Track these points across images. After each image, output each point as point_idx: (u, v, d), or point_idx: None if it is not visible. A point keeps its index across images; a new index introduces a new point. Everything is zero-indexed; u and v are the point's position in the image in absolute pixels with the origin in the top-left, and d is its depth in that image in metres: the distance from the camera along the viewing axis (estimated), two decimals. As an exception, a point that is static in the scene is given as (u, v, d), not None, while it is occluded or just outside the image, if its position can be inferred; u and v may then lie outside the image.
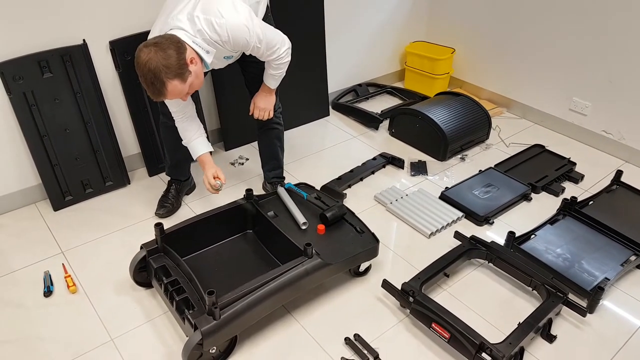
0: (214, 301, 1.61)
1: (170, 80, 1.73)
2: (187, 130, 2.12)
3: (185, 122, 2.10)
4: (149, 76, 1.71)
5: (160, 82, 1.72)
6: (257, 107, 2.26)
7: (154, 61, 1.70)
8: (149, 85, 1.74)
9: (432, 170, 2.83)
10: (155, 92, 1.76)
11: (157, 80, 1.72)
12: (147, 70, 1.71)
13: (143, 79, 1.74)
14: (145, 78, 1.72)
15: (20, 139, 2.32)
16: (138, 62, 1.72)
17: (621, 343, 1.87)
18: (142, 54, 1.71)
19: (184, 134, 2.13)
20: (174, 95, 1.80)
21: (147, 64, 1.70)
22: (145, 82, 1.74)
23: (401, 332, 1.89)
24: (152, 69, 1.70)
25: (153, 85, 1.73)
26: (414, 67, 3.62)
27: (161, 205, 2.43)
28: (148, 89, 1.76)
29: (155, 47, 1.71)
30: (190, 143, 2.14)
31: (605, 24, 2.78)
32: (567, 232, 2.31)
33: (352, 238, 2.05)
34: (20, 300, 1.99)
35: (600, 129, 3.00)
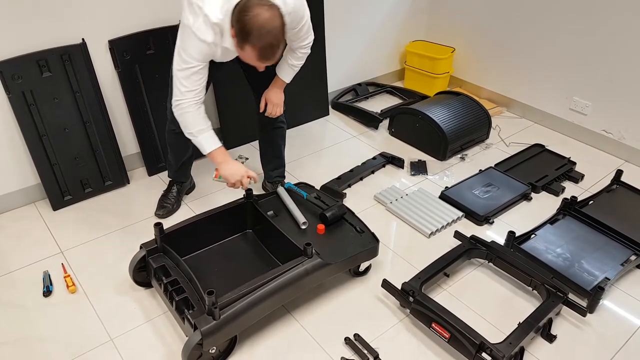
0: (213, 301, 1.60)
1: (284, 42, 1.71)
2: (203, 116, 1.95)
3: (199, 106, 1.92)
4: (270, 37, 1.66)
5: (278, 43, 1.69)
6: (271, 102, 2.21)
7: (276, 20, 1.66)
8: (269, 47, 1.68)
9: (432, 170, 2.83)
10: (269, 54, 1.71)
11: (276, 42, 1.68)
12: (271, 29, 1.65)
13: (263, 40, 1.66)
14: (267, 38, 1.66)
15: (20, 138, 2.31)
16: (259, 22, 1.64)
17: (621, 343, 1.87)
18: (263, 12, 1.64)
19: (199, 120, 1.94)
20: (276, 60, 1.78)
21: (271, 22, 1.65)
22: (265, 43, 1.67)
23: (401, 332, 1.88)
24: (275, 28, 1.66)
25: (272, 47, 1.69)
26: (414, 67, 3.61)
27: (161, 206, 2.41)
28: (264, 51, 1.70)
29: (271, 6, 1.66)
30: (207, 132, 1.96)
31: (606, 23, 2.78)
32: (567, 232, 2.31)
33: (352, 238, 2.04)
34: (19, 300, 1.98)
35: (601, 129, 3.00)
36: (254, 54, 1.71)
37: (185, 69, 1.84)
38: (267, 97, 2.22)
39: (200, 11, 1.74)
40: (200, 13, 1.74)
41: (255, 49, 1.69)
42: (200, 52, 1.80)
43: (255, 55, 1.72)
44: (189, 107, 1.90)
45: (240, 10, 1.66)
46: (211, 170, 2.77)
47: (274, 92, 2.21)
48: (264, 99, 2.23)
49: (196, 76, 1.85)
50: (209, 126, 1.97)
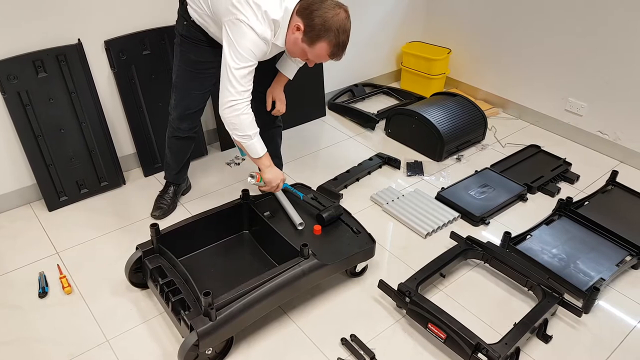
0: (210, 302, 1.60)
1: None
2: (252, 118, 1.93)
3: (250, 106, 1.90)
4: (346, 35, 1.78)
5: (346, 45, 1.81)
6: (280, 100, 2.23)
7: (350, 24, 1.79)
8: (343, 45, 1.80)
9: (428, 171, 2.83)
10: (342, 52, 1.82)
11: (348, 41, 1.80)
12: (348, 29, 1.78)
13: (341, 37, 1.77)
14: (343, 36, 1.78)
15: (15, 139, 2.30)
16: (339, 21, 1.74)
17: (616, 343, 1.88)
18: (342, 12, 1.76)
19: (253, 123, 1.93)
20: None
21: (348, 23, 1.77)
22: (340, 41, 1.78)
23: (397, 333, 1.89)
24: (349, 29, 1.79)
25: (344, 46, 1.80)
26: (410, 68, 3.62)
27: (157, 207, 2.40)
28: (338, 47, 1.79)
29: (348, 12, 1.79)
30: (257, 137, 1.96)
31: (601, 25, 2.79)
32: (562, 233, 2.32)
33: (349, 238, 2.05)
34: (15, 301, 1.97)
35: (596, 130, 3.01)
36: (327, 50, 1.79)
37: (243, 68, 1.80)
38: (274, 95, 2.23)
39: (258, 8, 1.74)
40: (259, 10, 1.74)
41: (330, 46, 1.78)
42: (259, 49, 1.80)
43: (327, 52, 1.80)
44: (246, 109, 1.87)
45: (316, 8, 1.73)
46: (209, 171, 2.77)
47: (280, 90, 2.23)
48: (270, 97, 2.23)
49: (251, 75, 1.84)
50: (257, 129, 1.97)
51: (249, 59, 1.79)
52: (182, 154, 2.35)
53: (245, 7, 1.74)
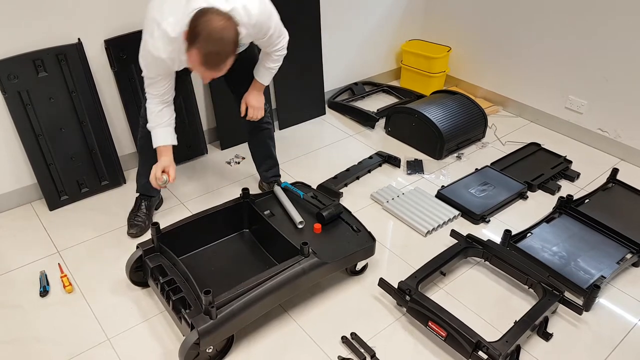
0: (210, 300, 1.60)
1: (232, 56, 1.68)
2: (162, 114, 1.96)
3: (162, 105, 1.95)
4: (219, 44, 1.63)
5: (226, 54, 1.66)
6: (251, 106, 2.19)
7: (229, 31, 1.64)
8: (215, 54, 1.65)
9: (428, 169, 2.83)
10: (214, 63, 1.68)
11: (224, 52, 1.65)
12: (220, 38, 1.62)
13: (210, 45, 1.62)
14: (214, 45, 1.63)
15: (15, 138, 2.31)
16: (209, 28, 1.61)
17: (617, 341, 1.88)
18: (216, 19, 1.62)
19: (155, 117, 1.95)
20: (221, 73, 1.75)
21: (222, 32, 1.62)
22: (210, 50, 1.64)
23: (398, 331, 1.89)
24: (225, 38, 1.63)
25: (218, 56, 1.65)
26: (410, 66, 3.62)
27: (133, 224, 2.29)
28: (209, 58, 1.66)
29: (229, 19, 1.64)
30: (158, 128, 1.97)
31: (601, 22, 2.79)
32: (563, 231, 2.32)
33: (349, 237, 2.05)
34: (16, 300, 1.98)
35: (596, 127, 3.01)
36: (198, 58, 1.67)
37: (148, 80, 1.89)
38: (246, 101, 2.20)
39: (158, 27, 1.74)
40: (158, 29, 1.74)
41: (200, 53, 1.65)
42: (158, 68, 1.82)
43: (199, 60, 1.67)
44: (149, 105, 1.95)
45: (196, 15, 1.64)
46: (209, 170, 2.78)
47: (253, 95, 2.19)
48: (244, 103, 2.21)
49: (159, 84, 1.89)
50: (167, 123, 1.98)
51: (150, 75, 1.87)
52: (151, 155, 2.14)
53: (146, 26, 1.79)
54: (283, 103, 3.14)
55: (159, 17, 1.74)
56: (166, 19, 1.73)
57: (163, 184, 1.97)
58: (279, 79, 3.05)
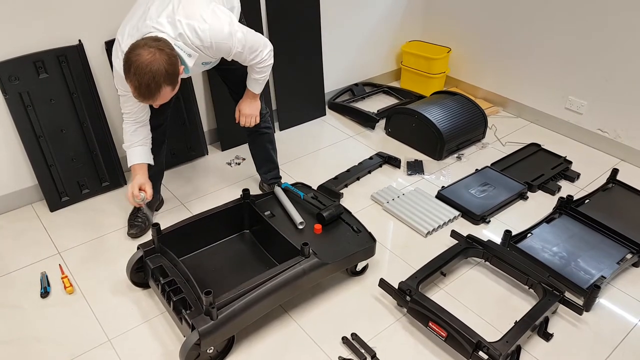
0: (211, 301, 1.61)
1: (165, 86, 1.69)
2: (136, 134, 2.01)
3: (136, 125, 2.00)
4: (146, 77, 1.64)
5: (157, 85, 1.67)
6: (243, 114, 2.20)
7: (157, 63, 1.64)
8: (144, 87, 1.66)
9: (428, 170, 2.83)
10: (146, 95, 1.69)
11: (154, 83, 1.66)
12: (148, 72, 1.64)
13: (137, 79, 1.65)
14: (142, 78, 1.65)
15: (16, 139, 2.31)
16: (138, 61, 1.63)
17: (617, 341, 1.88)
18: (145, 53, 1.63)
19: (130, 136, 2.01)
20: (160, 102, 1.77)
21: (149, 65, 1.63)
22: (140, 83, 1.66)
23: (398, 331, 1.89)
24: (154, 72, 1.64)
25: (148, 88, 1.67)
26: (410, 67, 3.62)
27: (132, 225, 2.30)
28: (139, 90, 1.68)
29: (158, 50, 1.65)
30: (133, 148, 2.02)
31: (601, 23, 2.79)
32: (563, 231, 2.32)
33: (349, 237, 2.05)
34: (17, 301, 1.98)
35: (596, 128, 3.01)
36: (132, 90, 1.71)
37: (120, 97, 1.95)
38: (239, 108, 2.21)
39: (119, 47, 1.80)
40: (120, 49, 1.79)
41: (132, 86, 1.69)
42: (124, 85, 1.82)
43: (133, 92, 1.71)
44: (124, 125, 2.01)
45: (129, 49, 1.67)
46: (210, 171, 2.78)
47: (245, 103, 2.19)
48: (237, 110, 2.22)
49: (129, 101, 1.93)
50: (136, 144, 2.02)
51: (120, 90, 1.92)
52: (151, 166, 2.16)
53: (115, 45, 1.85)
54: (283, 104, 3.14)
55: (120, 38, 1.82)
56: (125, 41, 1.78)
57: (141, 201, 1.99)
58: (279, 79, 3.06)
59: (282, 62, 3.01)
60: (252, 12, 2.77)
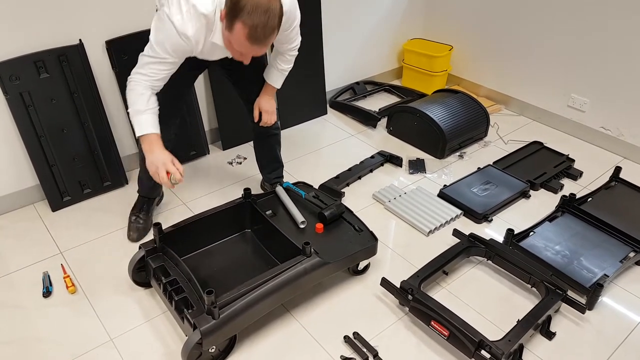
0: (213, 300, 1.60)
1: (277, 30, 1.58)
2: (152, 100, 1.76)
3: (151, 91, 1.75)
4: (266, 16, 1.50)
5: (272, 28, 1.54)
6: (265, 111, 2.12)
7: (275, 3, 1.52)
8: (262, 26, 1.51)
9: (430, 168, 2.83)
10: (261, 37, 1.54)
11: (271, 25, 1.52)
12: (267, 9, 1.50)
13: (257, 17, 1.49)
14: (261, 17, 1.50)
15: (17, 139, 2.31)
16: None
17: (620, 339, 1.87)
18: None
19: (146, 101, 1.73)
20: (265, 49, 1.63)
21: (269, 3, 1.50)
22: (258, 22, 1.50)
23: (400, 330, 1.89)
24: (272, 10, 1.52)
25: (265, 28, 1.52)
26: (412, 65, 3.61)
27: (134, 228, 2.26)
28: (255, 31, 1.52)
29: None
30: (148, 114, 1.74)
31: (603, 21, 2.78)
32: (565, 229, 2.31)
33: (351, 236, 2.05)
34: (19, 301, 1.98)
35: (599, 126, 3.00)
36: (244, 32, 1.53)
37: (152, 57, 1.69)
38: (260, 106, 2.14)
39: (186, 2, 1.60)
40: (186, 3, 1.60)
41: (246, 27, 1.52)
42: (176, 47, 1.67)
43: (244, 35, 1.54)
44: (137, 86, 1.73)
45: None
46: (211, 170, 2.78)
47: (266, 99, 2.12)
48: (257, 108, 2.14)
49: (161, 66, 1.71)
50: (151, 111, 1.76)
51: (161, 54, 1.67)
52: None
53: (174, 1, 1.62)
54: (284, 103, 3.14)
55: None
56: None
57: (177, 181, 1.74)
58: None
59: (283, 61, 3.00)
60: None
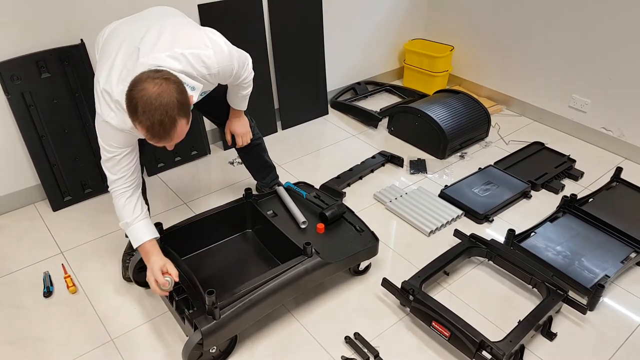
0: (213, 301, 1.60)
1: (180, 119, 1.47)
2: (138, 205, 1.74)
3: (131, 192, 1.74)
4: (158, 112, 1.41)
5: (171, 120, 1.44)
6: (238, 134, 2.10)
7: (167, 95, 1.42)
8: (157, 124, 1.43)
9: (431, 169, 2.82)
10: (161, 133, 1.46)
11: (168, 118, 1.43)
12: (158, 105, 1.41)
13: (148, 117, 1.42)
14: (153, 115, 1.42)
15: (19, 139, 2.31)
16: (145, 97, 1.41)
17: (621, 340, 1.87)
18: (150, 87, 1.41)
19: (131, 210, 1.73)
20: (178, 139, 1.53)
21: (159, 98, 1.41)
22: (152, 122, 1.43)
23: (401, 331, 1.88)
24: (165, 105, 1.42)
25: (162, 125, 1.43)
26: (413, 65, 3.61)
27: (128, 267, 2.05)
28: (152, 130, 1.45)
29: (164, 80, 1.44)
30: (136, 224, 1.73)
31: (605, 21, 2.77)
32: (567, 230, 2.31)
33: (352, 237, 2.04)
34: (20, 301, 1.98)
35: (600, 126, 3.00)
36: (144, 132, 1.47)
37: (112, 159, 1.68)
38: (232, 130, 2.11)
39: (109, 97, 1.57)
40: (111, 100, 1.57)
41: (143, 127, 1.45)
42: (124, 140, 1.65)
43: (145, 135, 1.48)
44: (119, 196, 1.74)
45: (130, 87, 1.45)
46: (212, 170, 2.78)
47: (236, 122, 2.10)
48: (229, 132, 2.12)
49: (125, 161, 1.69)
50: (139, 218, 1.74)
51: (114, 151, 1.66)
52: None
53: (100, 99, 1.59)
54: (286, 103, 3.14)
55: (108, 88, 1.57)
56: (116, 87, 1.55)
57: (169, 288, 1.70)
58: (281, 79, 3.05)
59: (284, 61, 3.01)
60: (254, 11, 2.76)
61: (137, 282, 2.01)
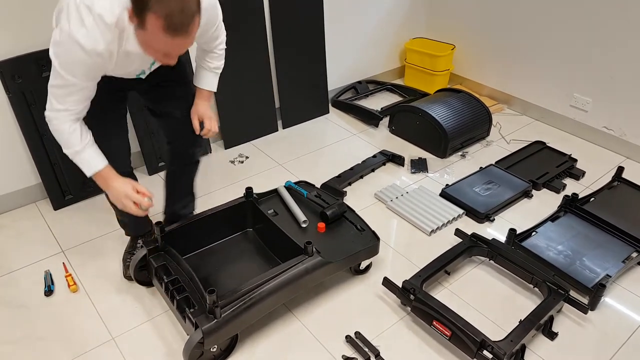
0: (214, 300, 1.60)
1: (197, 15, 1.33)
2: (79, 130, 1.57)
3: (78, 123, 1.58)
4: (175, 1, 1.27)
5: (191, 12, 1.30)
6: (209, 117, 1.85)
7: None
8: (178, 13, 1.27)
9: (432, 168, 2.82)
10: (182, 24, 1.30)
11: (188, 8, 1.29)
12: None
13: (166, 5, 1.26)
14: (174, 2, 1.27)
15: (20, 138, 2.31)
16: None
17: (623, 340, 1.87)
18: None
19: (74, 136, 1.55)
20: (192, 39, 1.38)
21: None
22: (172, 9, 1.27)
23: (402, 330, 1.88)
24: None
25: (183, 13, 1.28)
26: (414, 64, 3.61)
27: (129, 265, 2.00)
28: (172, 19, 1.27)
29: None
30: (87, 150, 1.58)
31: (606, 20, 2.77)
32: (568, 229, 2.31)
33: (353, 236, 2.04)
34: (21, 299, 1.98)
35: (602, 125, 2.99)
36: (159, 24, 1.29)
37: (62, 88, 1.49)
38: (200, 114, 1.84)
39: (89, 12, 1.35)
40: (90, 14, 1.35)
41: (159, 18, 1.27)
42: (85, 67, 1.44)
43: (161, 27, 1.29)
44: (62, 125, 1.56)
45: None
46: (213, 169, 2.77)
47: (204, 105, 1.85)
48: (196, 117, 1.84)
49: (77, 95, 1.50)
50: (89, 144, 1.60)
51: (69, 79, 1.46)
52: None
53: (71, 12, 1.38)
54: (286, 102, 3.14)
55: (88, 1, 1.36)
56: (98, 2, 1.36)
57: (147, 207, 1.64)
58: (282, 77, 3.05)
59: (285, 60, 3.00)
60: (255, 9, 2.76)
61: (138, 281, 2.01)
